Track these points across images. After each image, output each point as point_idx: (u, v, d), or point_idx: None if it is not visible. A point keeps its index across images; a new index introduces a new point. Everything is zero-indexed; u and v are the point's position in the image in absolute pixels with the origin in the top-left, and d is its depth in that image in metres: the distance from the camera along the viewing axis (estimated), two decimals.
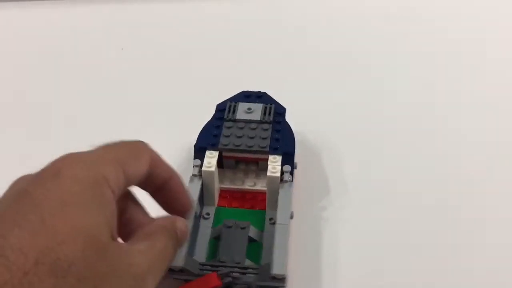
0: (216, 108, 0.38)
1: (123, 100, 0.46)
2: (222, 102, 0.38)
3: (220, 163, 0.36)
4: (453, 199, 0.37)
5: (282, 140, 0.35)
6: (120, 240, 0.25)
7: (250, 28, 0.55)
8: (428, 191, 0.38)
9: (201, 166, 0.34)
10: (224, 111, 0.37)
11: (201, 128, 0.36)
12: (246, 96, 0.39)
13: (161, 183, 0.28)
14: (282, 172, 0.33)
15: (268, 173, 0.33)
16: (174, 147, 0.38)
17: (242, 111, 0.37)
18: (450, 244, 0.34)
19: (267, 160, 0.36)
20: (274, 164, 0.34)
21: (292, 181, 0.33)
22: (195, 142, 0.35)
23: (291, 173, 0.34)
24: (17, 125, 0.44)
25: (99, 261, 0.20)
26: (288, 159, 0.34)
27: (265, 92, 0.39)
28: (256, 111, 0.37)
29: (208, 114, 0.37)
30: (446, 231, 0.35)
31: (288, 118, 0.37)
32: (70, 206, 0.21)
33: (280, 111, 0.37)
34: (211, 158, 0.34)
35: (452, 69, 0.48)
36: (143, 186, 0.27)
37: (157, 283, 0.24)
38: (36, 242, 0.19)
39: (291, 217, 0.31)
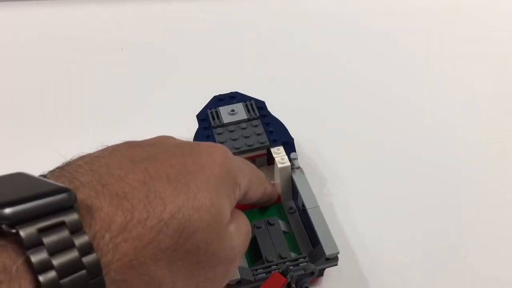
0: (198, 119, 0.37)
1: (123, 100, 0.46)
2: (200, 112, 0.38)
3: None
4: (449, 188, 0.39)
5: (277, 131, 0.36)
6: None
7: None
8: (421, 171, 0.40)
9: None
10: (206, 120, 0.37)
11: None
12: (220, 100, 0.39)
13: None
14: (290, 160, 0.34)
15: (279, 165, 0.33)
16: None
17: (226, 114, 0.37)
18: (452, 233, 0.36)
19: (264, 155, 0.36)
20: (280, 155, 0.34)
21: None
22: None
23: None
24: (16, 124, 0.44)
25: (215, 239, 0.22)
26: (290, 147, 0.35)
27: (236, 91, 0.39)
28: (239, 111, 0.37)
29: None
30: (446, 217, 0.37)
31: None
32: (212, 183, 0.23)
33: (260, 105, 0.38)
34: None
35: (439, 66, 0.50)
36: None
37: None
38: (176, 198, 0.21)
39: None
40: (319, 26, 0.55)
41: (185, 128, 0.37)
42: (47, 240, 0.17)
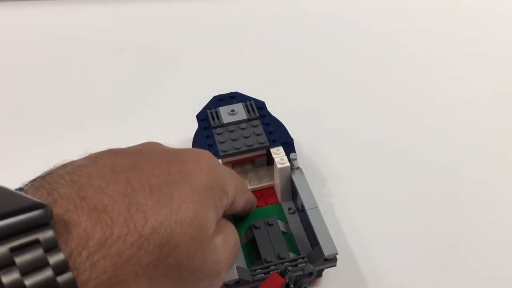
0: (198, 119, 0.37)
1: (123, 100, 0.47)
2: (200, 112, 0.37)
3: None
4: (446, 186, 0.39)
5: (276, 131, 0.36)
6: None
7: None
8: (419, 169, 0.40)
9: None
10: (206, 120, 0.37)
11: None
12: (220, 100, 0.38)
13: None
14: (289, 160, 0.34)
15: (278, 166, 0.33)
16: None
17: (226, 114, 0.37)
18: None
19: (264, 155, 0.36)
20: (280, 155, 0.34)
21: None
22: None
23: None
24: (16, 124, 0.44)
25: (198, 252, 0.21)
26: (289, 147, 0.35)
27: (236, 92, 0.39)
28: (239, 111, 0.37)
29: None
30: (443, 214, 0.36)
31: None
32: (198, 193, 0.22)
33: (260, 105, 0.38)
34: None
35: (439, 66, 0.50)
36: None
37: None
38: (159, 211, 0.20)
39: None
40: (319, 26, 0.55)
41: (185, 128, 0.38)
42: (20, 259, 0.16)
